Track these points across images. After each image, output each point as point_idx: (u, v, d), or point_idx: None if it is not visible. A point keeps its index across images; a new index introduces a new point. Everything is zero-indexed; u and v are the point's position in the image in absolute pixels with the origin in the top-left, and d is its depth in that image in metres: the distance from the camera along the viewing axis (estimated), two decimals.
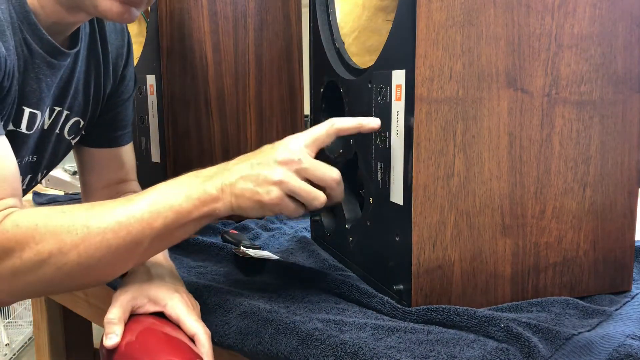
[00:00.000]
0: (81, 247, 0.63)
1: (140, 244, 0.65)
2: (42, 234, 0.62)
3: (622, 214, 0.74)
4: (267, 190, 0.65)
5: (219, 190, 0.66)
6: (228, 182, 0.66)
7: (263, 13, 1.15)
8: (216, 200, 0.66)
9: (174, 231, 0.66)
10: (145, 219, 0.64)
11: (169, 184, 0.68)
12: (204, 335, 0.66)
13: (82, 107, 0.91)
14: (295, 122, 1.23)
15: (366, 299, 0.73)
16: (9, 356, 2.45)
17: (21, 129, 0.80)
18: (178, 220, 0.66)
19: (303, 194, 0.66)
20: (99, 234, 0.63)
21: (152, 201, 0.65)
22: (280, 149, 0.67)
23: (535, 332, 0.62)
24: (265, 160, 0.66)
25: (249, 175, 0.66)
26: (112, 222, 0.64)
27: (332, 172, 0.67)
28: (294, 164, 0.66)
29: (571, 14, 0.68)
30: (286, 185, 0.65)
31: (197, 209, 0.66)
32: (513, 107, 0.68)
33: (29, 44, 0.75)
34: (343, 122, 0.70)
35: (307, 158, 0.67)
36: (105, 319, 0.66)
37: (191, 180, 0.67)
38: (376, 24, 0.87)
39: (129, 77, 0.99)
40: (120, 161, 1.01)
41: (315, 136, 0.69)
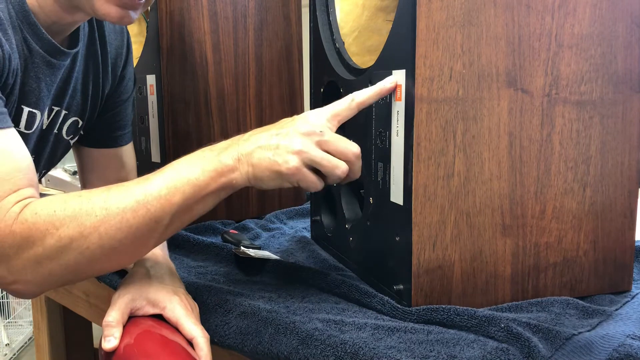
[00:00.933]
0: (101, 228, 0.62)
1: (161, 221, 0.64)
2: (61, 219, 0.62)
3: (622, 214, 0.74)
4: (286, 159, 0.64)
5: (235, 160, 0.65)
6: (245, 152, 0.65)
7: (263, 13, 1.15)
8: (233, 170, 0.65)
9: (193, 205, 0.66)
10: (163, 195, 0.64)
11: (184, 159, 0.67)
12: (202, 338, 0.66)
13: (81, 107, 0.91)
14: None
15: (366, 299, 0.73)
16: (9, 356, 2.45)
17: (20, 128, 0.80)
18: (196, 193, 0.65)
19: (324, 163, 0.65)
20: (118, 214, 0.63)
21: (169, 177, 0.65)
22: (300, 121, 0.66)
23: (535, 332, 0.62)
24: (284, 131, 0.65)
25: (267, 144, 0.65)
26: (130, 202, 0.63)
27: (352, 146, 0.66)
28: (315, 135, 0.65)
29: (571, 14, 0.68)
30: (306, 155, 0.64)
31: (214, 180, 0.65)
32: (513, 107, 0.68)
33: (29, 43, 0.75)
34: (363, 94, 0.69)
35: (328, 131, 0.66)
36: (103, 321, 0.66)
37: (205, 153, 0.67)
38: (376, 24, 0.87)
39: (129, 77, 0.99)
40: (120, 161, 1.01)
41: (336, 110, 0.68)
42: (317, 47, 0.93)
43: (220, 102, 1.13)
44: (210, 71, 1.11)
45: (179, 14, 1.07)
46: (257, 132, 0.68)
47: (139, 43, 1.21)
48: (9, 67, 0.70)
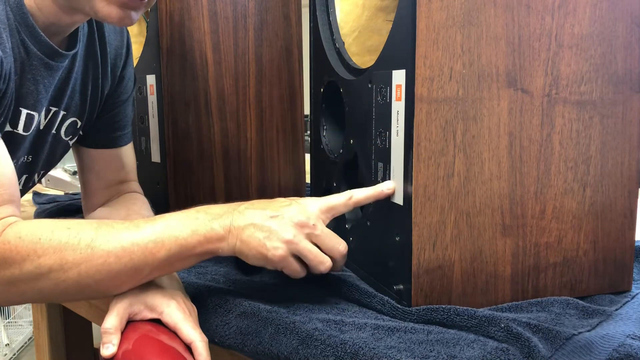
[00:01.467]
0: (82, 266, 0.63)
1: (141, 271, 0.66)
2: (45, 248, 0.63)
3: (622, 214, 0.74)
4: (275, 245, 0.66)
5: (225, 231, 0.67)
6: (237, 225, 0.67)
7: (263, 13, 1.15)
8: (221, 239, 0.67)
9: (175, 263, 0.67)
10: (149, 248, 0.65)
11: (178, 215, 0.68)
12: (200, 342, 0.66)
13: (79, 107, 0.91)
14: (295, 122, 1.23)
15: (366, 299, 0.73)
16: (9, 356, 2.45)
17: (18, 130, 0.80)
18: (181, 253, 0.66)
19: (310, 257, 0.67)
20: (102, 257, 0.64)
21: (158, 231, 0.66)
22: (296, 209, 0.68)
23: (535, 332, 0.62)
24: (280, 215, 0.67)
25: (261, 225, 0.67)
26: (116, 247, 0.64)
27: (340, 245, 0.69)
28: (308, 227, 0.68)
29: (571, 14, 0.68)
30: (295, 245, 0.67)
31: (201, 245, 0.67)
32: (513, 107, 0.68)
33: (27, 45, 0.75)
34: (361, 193, 0.72)
35: (321, 224, 0.68)
36: (102, 328, 0.66)
37: (199, 215, 0.68)
38: (376, 24, 0.87)
39: (128, 77, 0.99)
40: (120, 162, 1.00)
41: (332, 204, 0.71)
42: (317, 47, 0.93)
43: (220, 102, 1.13)
44: (210, 71, 1.11)
45: (179, 14, 1.07)
46: (252, 207, 0.69)
47: (139, 43, 1.21)
48: (1, 73, 0.70)
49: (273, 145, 1.20)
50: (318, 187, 0.96)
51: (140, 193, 1.03)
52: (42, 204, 1.31)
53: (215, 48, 1.11)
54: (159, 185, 1.13)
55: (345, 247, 0.70)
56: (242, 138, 1.16)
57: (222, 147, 1.14)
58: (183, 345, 0.65)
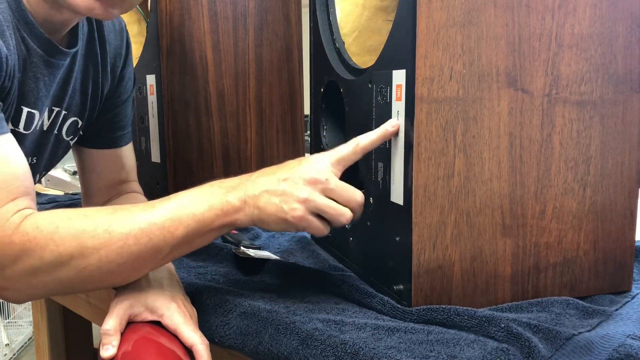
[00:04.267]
0: (102, 251, 0.63)
1: (161, 251, 0.65)
2: (63, 236, 0.62)
3: (622, 214, 0.74)
4: (293, 207, 0.65)
5: (241, 202, 0.67)
6: (251, 194, 0.67)
7: (263, 13, 1.15)
8: (238, 211, 0.67)
9: (194, 239, 0.67)
10: (167, 227, 0.65)
11: (192, 192, 0.68)
12: (201, 345, 0.66)
13: (80, 107, 0.91)
14: (295, 122, 1.23)
15: (366, 299, 0.73)
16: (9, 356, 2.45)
17: (19, 128, 0.80)
18: (199, 229, 0.66)
19: (330, 211, 0.66)
20: (121, 239, 0.63)
21: (175, 209, 0.66)
22: (306, 167, 0.67)
23: (536, 332, 0.62)
24: (291, 176, 0.67)
25: (274, 190, 0.66)
26: (134, 228, 0.64)
27: (356, 195, 0.68)
28: (321, 183, 0.66)
29: (571, 14, 0.68)
30: (312, 203, 0.66)
31: (219, 218, 0.66)
32: (513, 107, 0.68)
33: (27, 43, 0.75)
34: (367, 138, 0.70)
35: (333, 178, 0.67)
36: (101, 329, 0.66)
37: (214, 189, 0.68)
38: (376, 24, 0.87)
39: (128, 77, 0.99)
40: (120, 162, 1.00)
41: (341, 155, 0.69)
42: (317, 47, 0.93)
43: (220, 102, 1.13)
44: (210, 71, 1.11)
45: (179, 14, 1.07)
46: (263, 174, 0.69)
47: (139, 43, 1.21)
48: (7, 69, 0.70)
49: (273, 145, 1.20)
50: None
51: (141, 193, 1.03)
52: (42, 204, 1.31)
53: (215, 48, 1.11)
54: (159, 185, 1.13)
55: (361, 196, 0.68)
56: (242, 138, 1.16)
57: (222, 147, 1.14)
58: (182, 348, 0.65)
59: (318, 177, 0.66)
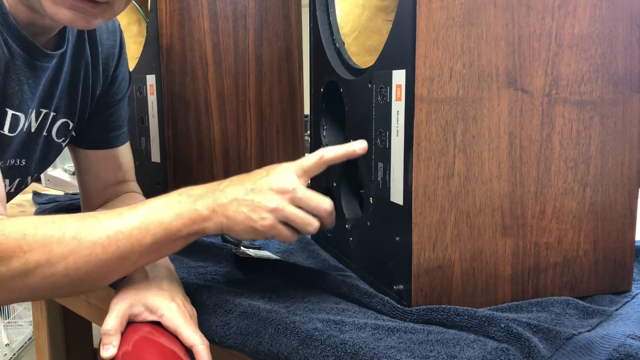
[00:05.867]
0: (70, 259, 0.63)
1: (128, 259, 0.66)
2: (31, 243, 0.62)
3: (622, 214, 0.74)
4: (262, 216, 0.66)
5: (210, 210, 0.67)
6: (220, 203, 0.67)
7: (263, 13, 1.15)
8: (206, 219, 0.67)
9: (162, 247, 0.67)
10: (135, 235, 0.65)
11: (160, 200, 0.68)
12: (202, 345, 0.66)
13: (69, 108, 0.90)
14: (295, 122, 1.23)
15: (366, 299, 0.73)
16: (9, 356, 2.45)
17: (4, 131, 0.79)
18: (167, 237, 0.66)
19: (297, 220, 0.67)
20: (89, 247, 0.63)
21: (143, 217, 0.66)
22: (274, 177, 0.68)
23: (536, 332, 0.62)
24: (259, 187, 0.67)
25: (243, 199, 0.67)
26: (102, 236, 0.64)
27: (324, 203, 0.69)
28: (289, 193, 0.67)
29: (571, 14, 0.68)
30: (281, 212, 0.66)
31: (186, 227, 0.67)
32: (513, 107, 0.68)
33: (9, 45, 0.75)
34: (332, 152, 0.71)
35: (300, 187, 0.68)
36: (101, 329, 0.66)
37: (182, 198, 0.68)
38: (376, 24, 0.87)
39: (122, 77, 0.98)
40: (117, 162, 1.00)
41: (305, 167, 0.70)
42: (317, 47, 0.93)
43: (220, 102, 1.13)
44: (210, 71, 1.11)
45: (179, 14, 1.07)
46: (232, 183, 0.69)
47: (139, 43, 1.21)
48: None
49: (273, 145, 1.20)
50: (318, 186, 0.96)
51: (140, 193, 1.03)
52: (42, 204, 1.31)
53: (215, 48, 1.11)
54: (159, 185, 1.13)
55: (330, 204, 0.69)
56: (242, 138, 1.16)
57: (222, 147, 1.14)
58: (183, 349, 0.65)
59: (286, 186, 0.67)
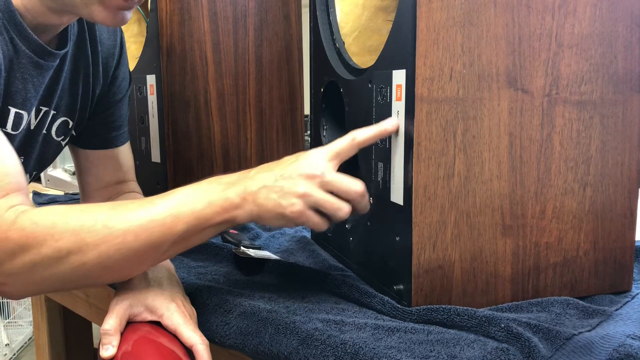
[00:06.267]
0: (102, 247, 0.63)
1: (160, 247, 0.65)
2: (62, 232, 0.62)
3: (622, 214, 0.74)
4: (291, 202, 0.65)
5: (240, 198, 0.66)
6: (250, 191, 0.66)
7: (263, 13, 1.15)
8: (237, 207, 0.66)
9: (194, 235, 0.67)
10: (167, 223, 0.65)
11: (191, 188, 0.68)
12: (201, 345, 0.66)
13: (70, 107, 0.90)
14: (295, 122, 1.23)
15: (366, 299, 0.73)
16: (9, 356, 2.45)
17: (7, 129, 0.79)
18: (199, 225, 0.66)
19: (327, 205, 0.66)
20: (120, 236, 0.63)
21: (175, 205, 0.66)
22: (303, 162, 0.67)
23: (536, 332, 0.62)
24: (288, 173, 0.67)
25: (272, 186, 0.66)
26: (134, 225, 0.64)
27: (355, 186, 0.67)
28: (317, 177, 0.66)
29: (571, 14, 0.68)
30: (310, 198, 0.65)
31: (218, 215, 0.66)
32: (513, 107, 0.68)
33: (16, 44, 0.75)
34: (364, 133, 0.70)
35: (330, 172, 0.67)
36: (101, 329, 0.66)
37: (213, 186, 0.68)
38: (376, 24, 0.87)
39: (122, 77, 0.98)
40: (117, 162, 1.00)
41: (337, 150, 0.69)
42: (317, 47, 0.93)
43: (220, 102, 1.13)
44: (210, 71, 1.11)
45: (179, 14, 1.07)
46: (262, 170, 0.69)
47: (139, 43, 1.21)
48: None
49: (273, 145, 1.20)
50: None
51: (140, 193, 1.03)
52: (42, 204, 1.31)
53: (215, 48, 1.11)
54: (159, 185, 1.13)
55: (361, 187, 0.68)
56: (242, 138, 1.16)
57: (222, 147, 1.14)
58: (182, 348, 0.65)
59: (314, 171, 0.66)
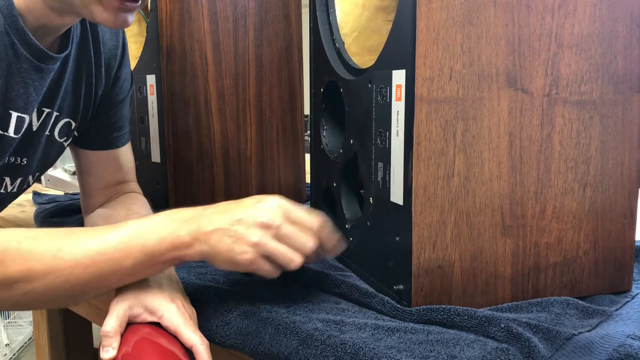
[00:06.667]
0: (49, 277, 0.63)
1: (108, 280, 0.66)
2: (12, 258, 0.62)
3: (622, 214, 0.74)
4: (243, 249, 0.66)
5: (192, 237, 0.67)
6: (204, 230, 0.67)
7: (263, 13, 1.15)
8: (188, 246, 0.67)
9: (143, 270, 0.67)
10: (116, 258, 0.65)
11: (143, 222, 0.68)
12: (202, 345, 0.65)
13: (72, 108, 0.90)
14: (295, 122, 1.23)
15: (366, 299, 0.73)
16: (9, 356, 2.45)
17: (8, 133, 0.79)
18: (148, 261, 0.66)
19: (279, 256, 0.67)
20: (68, 268, 0.64)
21: (125, 239, 0.66)
22: (261, 211, 0.68)
23: (536, 332, 0.62)
24: (245, 219, 0.67)
25: (227, 229, 0.66)
26: (83, 257, 0.64)
27: (308, 242, 0.68)
28: (273, 228, 0.67)
29: (571, 14, 0.68)
30: (263, 247, 0.66)
31: (168, 252, 0.66)
32: (513, 107, 0.68)
33: (16, 48, 0.75)
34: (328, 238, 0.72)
35: (286, 225, 0.68)
36: (101, 331, 0.66)
37: (166, 222, 0.68)
38: (376, 24, 0.87)
39: (124, 78, 0.98)
40: (118, 163, 1.00)
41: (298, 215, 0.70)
42: (317, 47, 0.93)
43: (220, 102, 1.13)
44: (210, 71, 1.11)
45: (179, 14, 1.07)
46: (219, 210, 0.69)
47: (139, 43, 1.21)
48: None
49: (273, 145, 1.20)
50: (318, 187, 0.96)
51: (140, 193, 1.03)
52: (42, 204, 1.31)
53: (215, 48, 1.11)
54: (159, 185, 1.13)
55: (313, 243, 0.69)
56: (242, 138, 1.16)
57: (222, 147, 1.14)
58: (182, 349, 0.65)
59: (271, 222, 0.67)
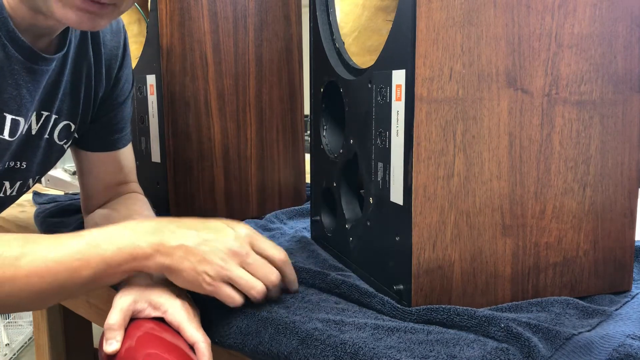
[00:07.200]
0: (6, 286, 0.63)
1: (66, 288, 0.66)
2: None
3: (622, 214, 0.74)
4: (205, 270, 0.66)
5: (153, 249, 0.66)
6: (167, 245, 0.66)
7: (263, 13, 1.15)
8: (148, 258, 0.66)
9: (101, 279, 0.67)
10: (74, 267, 0.65)
11: (104, 231, 0.68)
12: (203, 343, 0.66)
13: (71, 110, 0.90)
14: (295, 122, 1.23)
15: (366, 299, 0.73)
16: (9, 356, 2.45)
17: (4, 135, 0.79)
18: (106, 270, 0.66)
19: (242, 282, 0.67)
20: (25, 277, 0.63)
21: (84, 248, 0.66)
22: (230, 236, 0.68)
23: (535, 332, 0.62)
24: (213, 242, 0.67)
25: (192, 248, 0.66)
26: (40, 266, 0.64)
27: (272, 274, 0.70)
28: (239, 256, 0.67)
29: (571, 14, 0.68)
30: (226, 272, 0.66)
31: (127, 262, 0.66)
32: (513, 107, 0.68)
33: (7, 50, 0.74)
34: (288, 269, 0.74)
35: (253, 254, 0.69)
36: (105, 324, 0.66)
37: (126, 232, 0.67)
38: (376, 24, 0.87)
39: (125, 79, 0.98)
40: (119, 164, 1.00)
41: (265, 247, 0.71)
42: (317, 47, 0.93)
43: (220, 102, 1.13)
44: (210, 71, 1.11)
45: (179, 14, 1.07)
46: (186, 226, 0.69)
47: (139, 43, 1.21)
48: None
49: (273, 145, 1.20)
50: (318, 187, 0.96)
51: (141, 193, 1.03)
52: (42, 204, 1.31)
53: (215, 48, 1.11)
54: (159, 185, 1.13)
55: (277, 277, 0.70)
56: (242, 138, 1.16)
57: (222, 147, 1.14)
58: (186, 345, 0.65)
59: (239, 249, 0.68)
